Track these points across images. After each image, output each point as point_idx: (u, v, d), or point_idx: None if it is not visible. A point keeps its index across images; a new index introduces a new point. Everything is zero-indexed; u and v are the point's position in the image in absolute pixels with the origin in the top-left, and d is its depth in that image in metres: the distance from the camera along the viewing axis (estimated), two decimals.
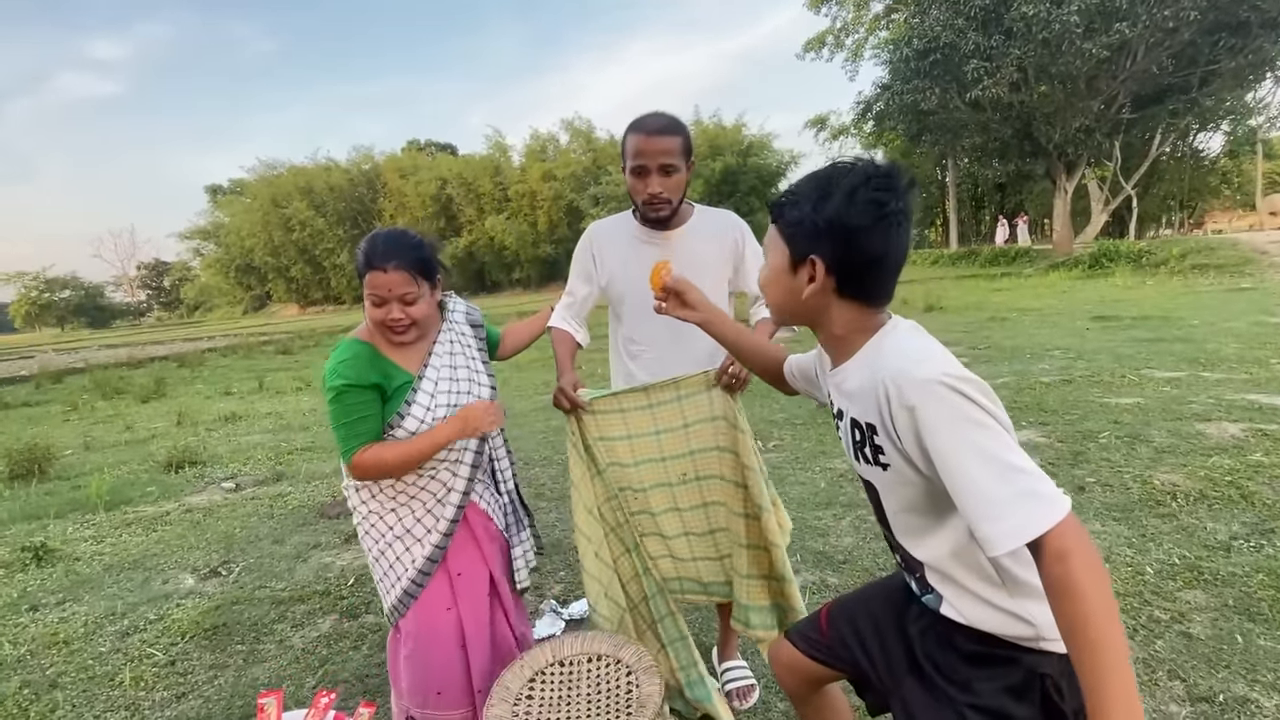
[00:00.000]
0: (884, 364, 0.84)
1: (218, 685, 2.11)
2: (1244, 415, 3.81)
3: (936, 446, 0.76)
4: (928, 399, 0.76)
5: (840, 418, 0.98)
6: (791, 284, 0.94)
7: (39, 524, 3.88)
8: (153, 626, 2.52)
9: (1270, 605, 1.98)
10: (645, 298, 1.61)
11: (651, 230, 1.63)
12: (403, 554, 1.48)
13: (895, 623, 1.03)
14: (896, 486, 0.88)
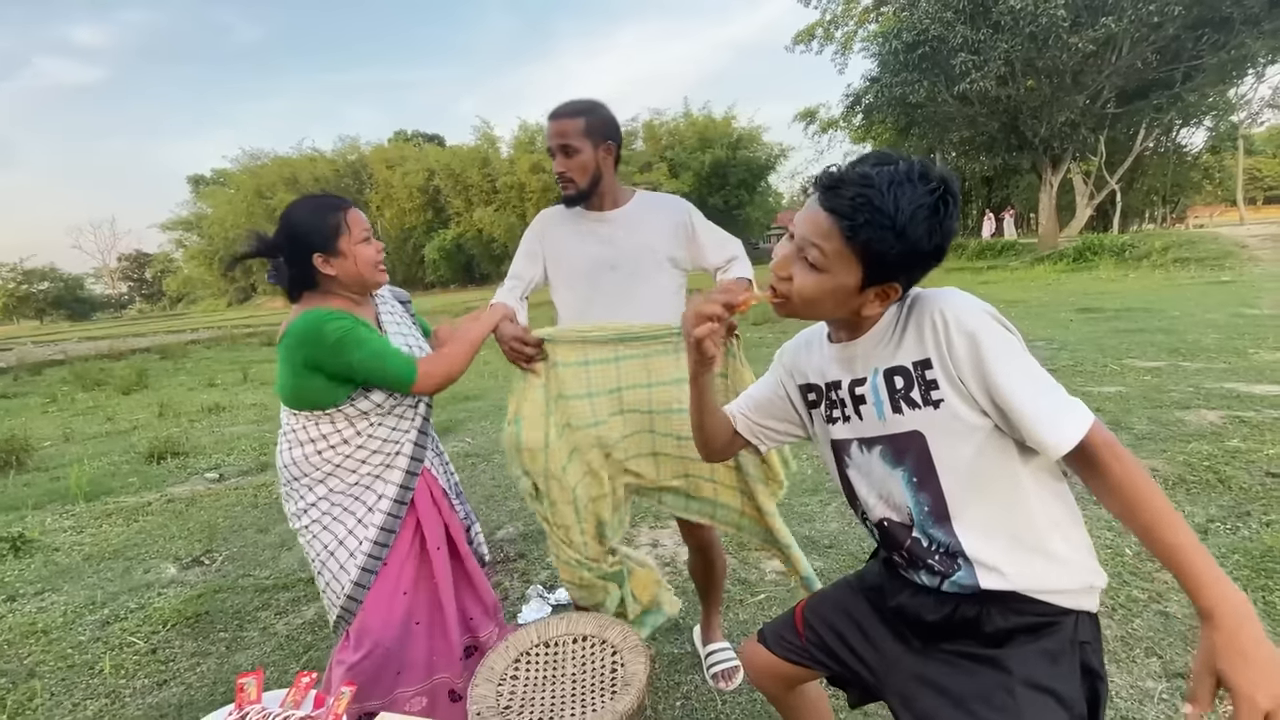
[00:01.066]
0: (930, 305, 0.86)
1: (200, 672, 2.09)
2: (1222, 403, 3.87)
3: (995, 369, 0.81)
4: (983, 326, 0.82)
5: (857, 384, 0.94)
6: (854, 300, 0.88)
7: (16, 515, 3.82)
8: (133, 615, 2.50)
9: (1245, 584, 2.02)
10: (589, 271, 1.63)
11: (587, 211, 1.64)
12: (345, 560, 1.44)
13: (882, 620, 1.02)
14: (949, 424, 0.86)
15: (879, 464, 0.93)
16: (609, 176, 1.60)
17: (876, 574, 1.06)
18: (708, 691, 1.80)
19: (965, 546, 0.87)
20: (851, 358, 0.95)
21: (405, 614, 1.49)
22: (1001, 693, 0.84)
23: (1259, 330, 6.14)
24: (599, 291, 1.62)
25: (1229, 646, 0.71)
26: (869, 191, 0.79)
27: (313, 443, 1.43)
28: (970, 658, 0.89)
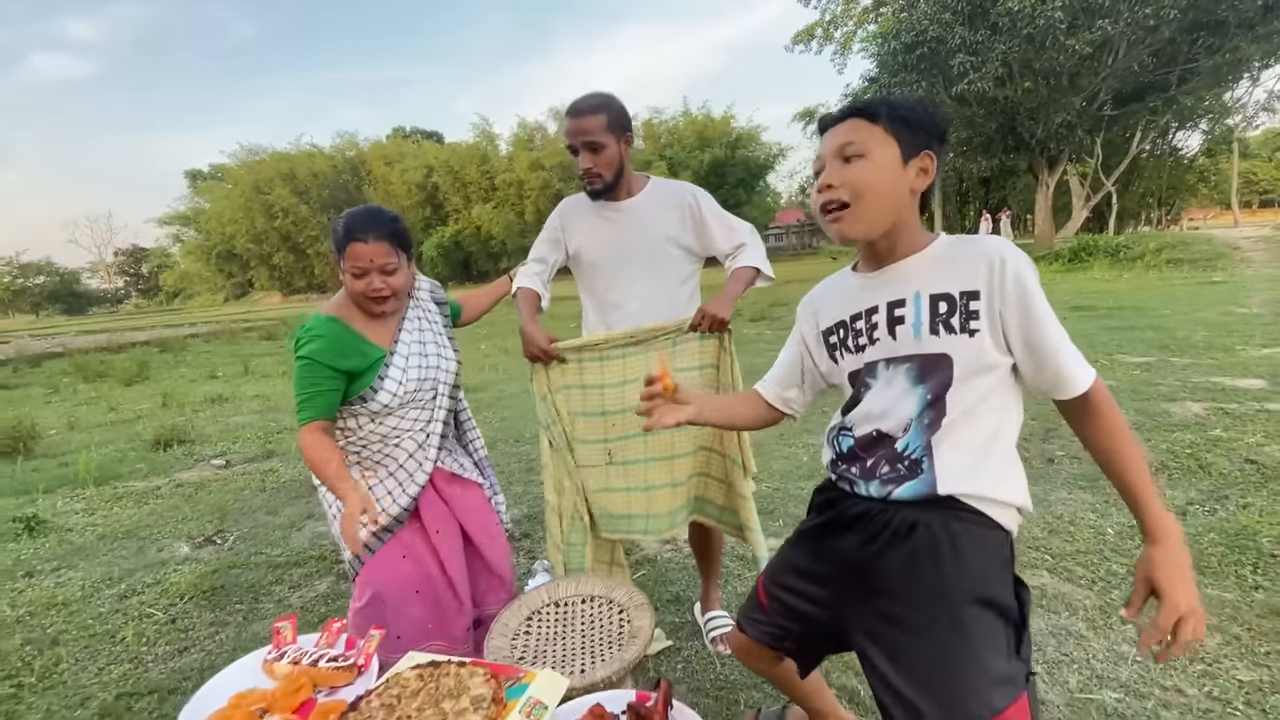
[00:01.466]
0: (991, 247, 0.96)
1: (219, 640, 2.17)
2: (1207, 396, 3.98)
3: (1039, 314, 0.92)
4: (1033, 277, 0.93)
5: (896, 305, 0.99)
6: (903, 176, 0.97)
7: (28, 498, 3.89)
8: (150, 589, 2.58)
9: (1218, 560, 2.12)
10: (610, 262, 1.74)
11: (605, 202, 1.73)
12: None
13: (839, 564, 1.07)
14: (973, 353, 0.94)
15: (902, 381, 0.99)
16: (628, 167, 1.69)
17: (815, 519, 1.15)
18: (707, 655, 1.89)
19: (938, 456, 0.96)
20: (891, 280, 1.01)
21: (404, 578, 1.55)
22: (946, 613, 0.93)
23: (1247, 328, 6.25)
24: (619, 280, 1.73)
25: (1165, 563, 0.87)
26: (875, 98, 1.00)
27: (338, 432, 1.53)
28: (916, 585, 0.96)
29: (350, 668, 1.11)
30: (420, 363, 1.55)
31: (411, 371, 1.52)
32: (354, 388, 1.46)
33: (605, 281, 1.76)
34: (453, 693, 0.99)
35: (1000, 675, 0.89)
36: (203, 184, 52.92)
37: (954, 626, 0.92)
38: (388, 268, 1.43)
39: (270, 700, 1.05)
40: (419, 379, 1.53)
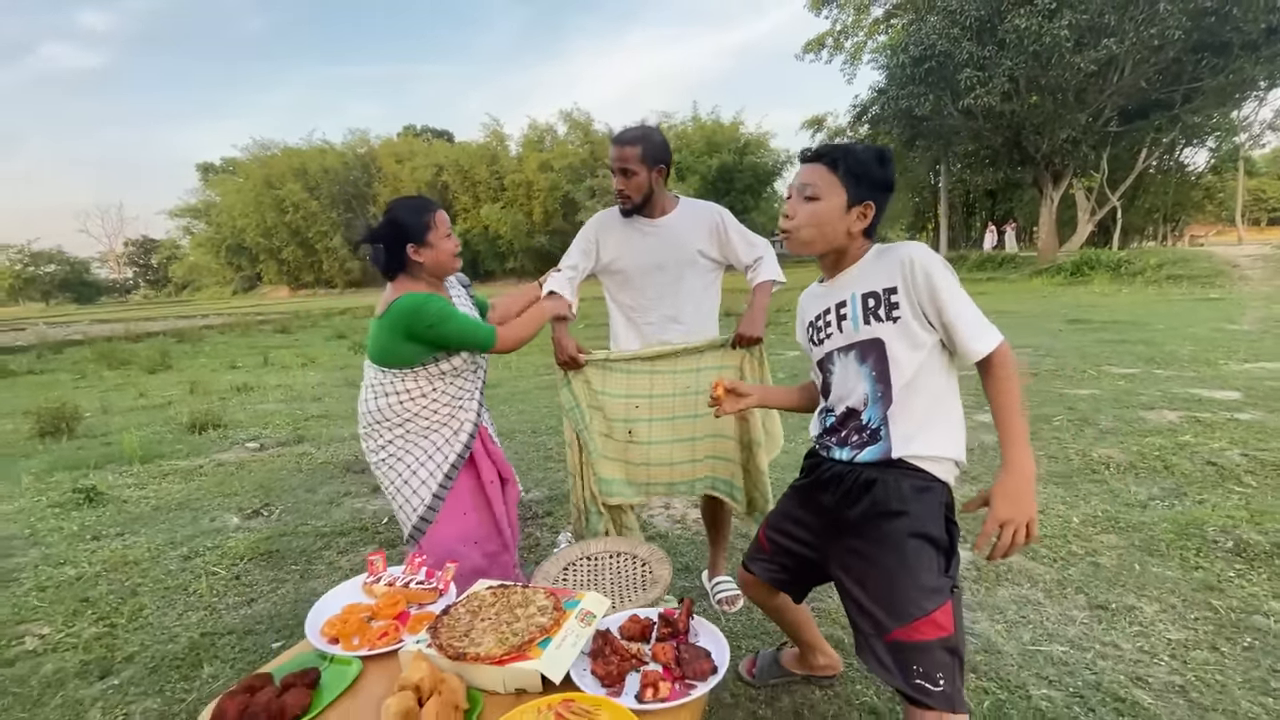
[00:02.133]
0: (900, 251, 1.23)
1: (281, 594, 2.46)
2: (1183, 405, 4.24)
3: (943, 296, 1.18)
4: (935, 267, 1.19)
5: (841, 306, 1.29)
6: (844, 220, 1.26)
7: (80, 473, 4.19)
8: (211, 552, 2.86)
9: (1169, 545, 2.39)
10: (641, 271, 2.02)
11: (639, 217, 2.00)
12: (419, 486, 1.80)
13: (819, 515, 1.37)
14: (899, 333, 1.22)
15: (852, 364, 1.28)
16: (659, 192, 1.96)
17: (804, 479, 1.43)
18: (714, 615, 2.16)
19: (892, 424, 1.23)
20: (839, 287, 1.31)
21: (465, 532, 1.84)
22: (893, 545, 1.21)
23: (1233, 344, 6.51)
24: (649, 287, 2.01)
25: (1003, 485, 1.14)
26: (841, 147, 1.27)
27: (396, 395, 1.79)
28: (873, 527, 1.25)
29: (434, 590, 1.40)
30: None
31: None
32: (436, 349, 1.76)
33: (635, 289, 2.04)
34: (521, 604, 1.27)
35: (931, 588, 1.17)
36: (214, 177, 53.29)
37: (900, 557, 1.20)
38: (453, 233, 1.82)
39: (374, 610, 1.33)
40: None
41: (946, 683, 1.13)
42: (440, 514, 1.81)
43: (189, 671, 1.97)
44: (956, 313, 1.18)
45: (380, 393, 1.79)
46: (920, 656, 1.14)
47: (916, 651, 1.15)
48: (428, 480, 1.81)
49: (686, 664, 1.12)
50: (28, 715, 1.80)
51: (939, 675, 1.13)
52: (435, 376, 1.79)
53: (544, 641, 1.15)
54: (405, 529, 1.83)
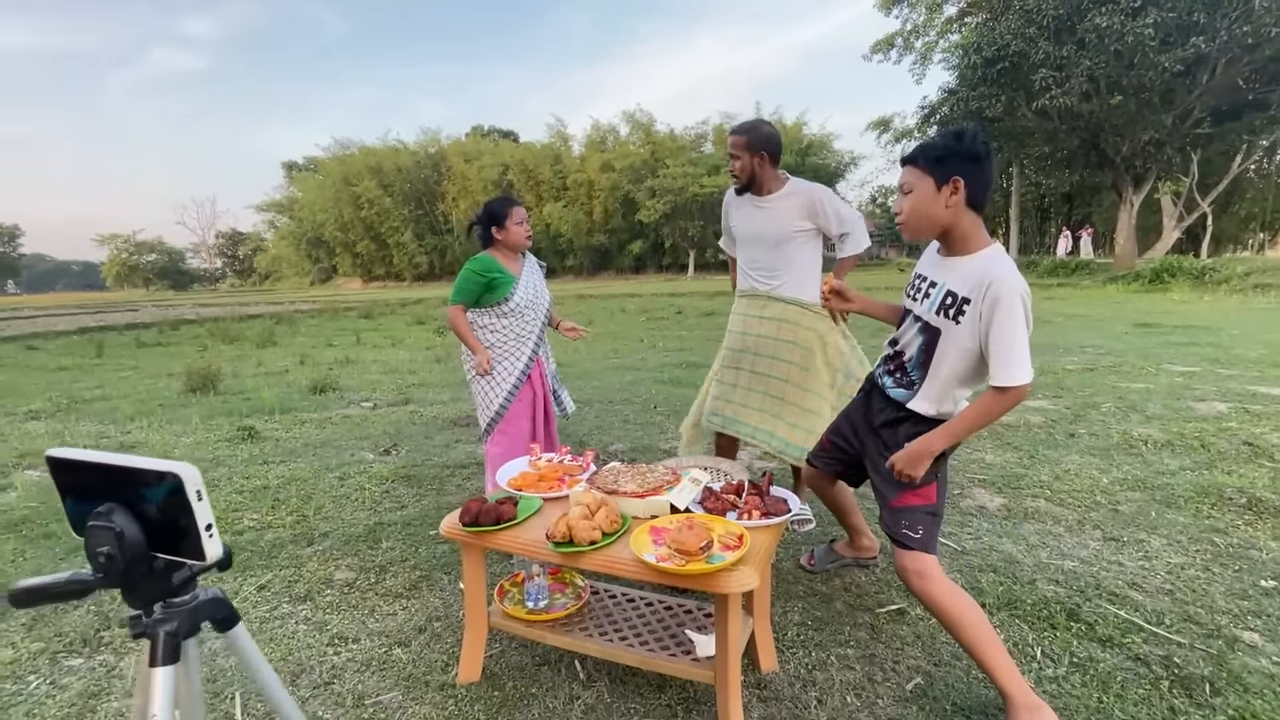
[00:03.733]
0: (995, 269, 1.44)
1: (425, 503, 3.07)
2: (1236, 399, 4.39)
3: (995, 328, 1.43)
4: (1005, 300, 1.42)
5: (932, 286, 1.58)
6: (937, 202, 1.47)
7: (235, 419, 5.00)
8: (359, 475, 3.52)
9: (1186, 500, 2.70)
10: (747, 239, 2.51)
11: (752, 195, 2.48)
12: (493, 398, 2.52)
13: (863, 419, 1.81)
14: (955, 335, 1.52)
15: (917, 330, 1.62)
16: (762, 175, 2.41)
17: (860, 399, 1.88)
18: None
19: (921, 384, 1.64)
20: (943, 269, 1.58)
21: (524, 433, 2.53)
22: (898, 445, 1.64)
23: None
24: (757, 254, 2.50)
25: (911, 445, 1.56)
26: (919, 144, 1.57)
27: (479, 328, 2.55)
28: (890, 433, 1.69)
29: (579, 465, 1.93)
30: (533, 288, 2.56)
31: (529, 289, 2.54)
32: (496, 294, 2.46)
33: (747, 252, 2.55)
34: (648, 471, 1.79)
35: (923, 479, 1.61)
36: (297, 174, 56.62)
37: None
38: (528, 223, 2.49)
39: (541, 475, 1.87)
40: (533, 296, 2.54)
41: (924, 532, 1.58)
42: (505, 418, 2.51)
43: (372, 544, 2.59)
44: (999, 345, 1.42)
45: (476, 328, 2.56)
46: (908, 514, 1.59)
47: (905, 512, 1.60)
48: (499, 391, 2.51)
49: (769, 503, 1.60)
50: (266, 563, 2.45)
51: (919, 527, 1.58)
52: (497, 315, 2.51)
53: (670, 488, 1.66)
54: (482, 426, 2.57)
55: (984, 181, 1.49)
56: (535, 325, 2.57)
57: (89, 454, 0.75)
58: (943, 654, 1.76)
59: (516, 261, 2.57)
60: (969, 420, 1.53)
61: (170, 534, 0.73)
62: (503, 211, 2.48)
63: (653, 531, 1.48)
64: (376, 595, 2.19)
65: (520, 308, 2.51)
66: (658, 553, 1.38)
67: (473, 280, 2.48)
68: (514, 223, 2.48)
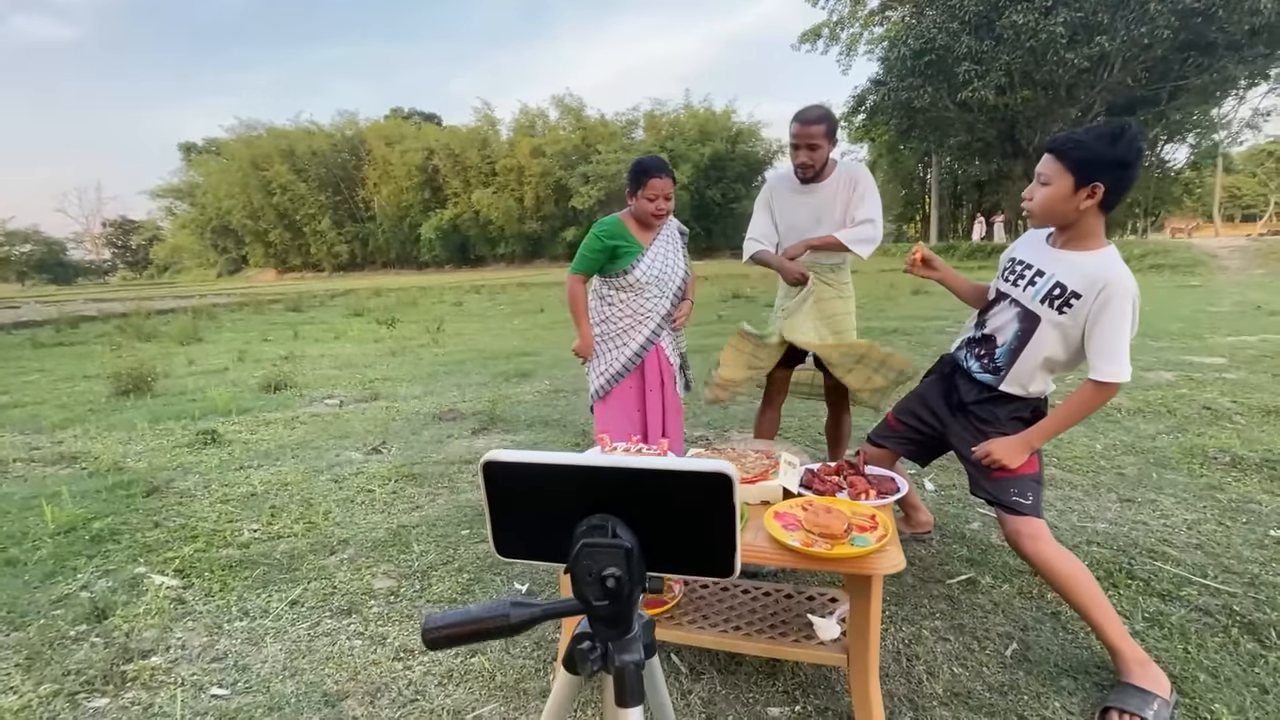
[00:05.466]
0: (1111, 271, 1.47)
1: (441, 502, 2.90)
2: (1177, 368, 4.81)
3: (1100, 326, 1.48)
4: (1116, 304, 1.47)
5: (1039, 274, 1.59)
6: (1072, 201, 1.47)
7: (186, 422, 4.55)
8: (356, 477, 3.28)
9: (1177, 461, 2.93)
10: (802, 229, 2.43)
11: (804, 184, 2.42)
12: (600, 373, 2.39)
13: (942, 400, 1.85)
14: (1057, 326, 1.55)
15: (1014, 317, 1.65)
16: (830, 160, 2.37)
17: (936, 380, 1.90)
18: None
19: (1010, 371, 1.68)
20: (1052, 260, 1.59)
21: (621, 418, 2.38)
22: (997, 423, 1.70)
23: (1216, 322, 7.14)
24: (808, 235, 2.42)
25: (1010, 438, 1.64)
26: (1071, 138, 1.50)
27: (597, 295, 2.40)
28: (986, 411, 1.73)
29: (658, 453, 1.86)
30: (664, 261, 2.36)
31: (658, 262, 2.33)
32: (618, 263, 2.28)
33: (786, 238, 2.49)
34: (742, 456, 1.74)
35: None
36: (197, 157, 52.37)
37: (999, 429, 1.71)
38: (668, 195, 2.27)
39: None
40: (661, 270, 2.33)
41: (1033, 497, 1.63)
42: (608, 399, 2.38)
43: (403, 548, 2.41)
44: (1105, 342, 1.48)
45: (595, 294, 2.42)
46: (1017, 483, 1.63)
47: (1013, 481, 1.63)
48: (605, 370, 2.37)
49: (878, 484, 1.60)
50: (289, 576, 2.23)
51: (1028, 493, 1.62)
52: (617, 288, 2.35)
53: (774, 472, 1.62)
54: (591, 388, 2.44)
55: (1124, 187, 1.48)
56: (659, 304, 2.34)
57: (552, 455, 0.62)
58: (1025, 619, 1.82)
59: (650, 230, 2.35)
60: (1066, 415, 1.59)
61: (687, 545, 0.61)
62: (640, 178, 2.22)
63: (779, 517, 1.44)
64: (428, 603, 2.04)
65: (643, 282, 2.29)
66: (799, 537, 1.34)
67: (594, 246, 2.26)
68: (647, 196, 2.22)
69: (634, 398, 2.39)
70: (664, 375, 2.42)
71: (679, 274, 2.40)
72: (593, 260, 2.31)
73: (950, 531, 2.36)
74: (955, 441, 1.81)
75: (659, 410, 2.40)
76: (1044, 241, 1.65)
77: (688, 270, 2.45)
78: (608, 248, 2.28)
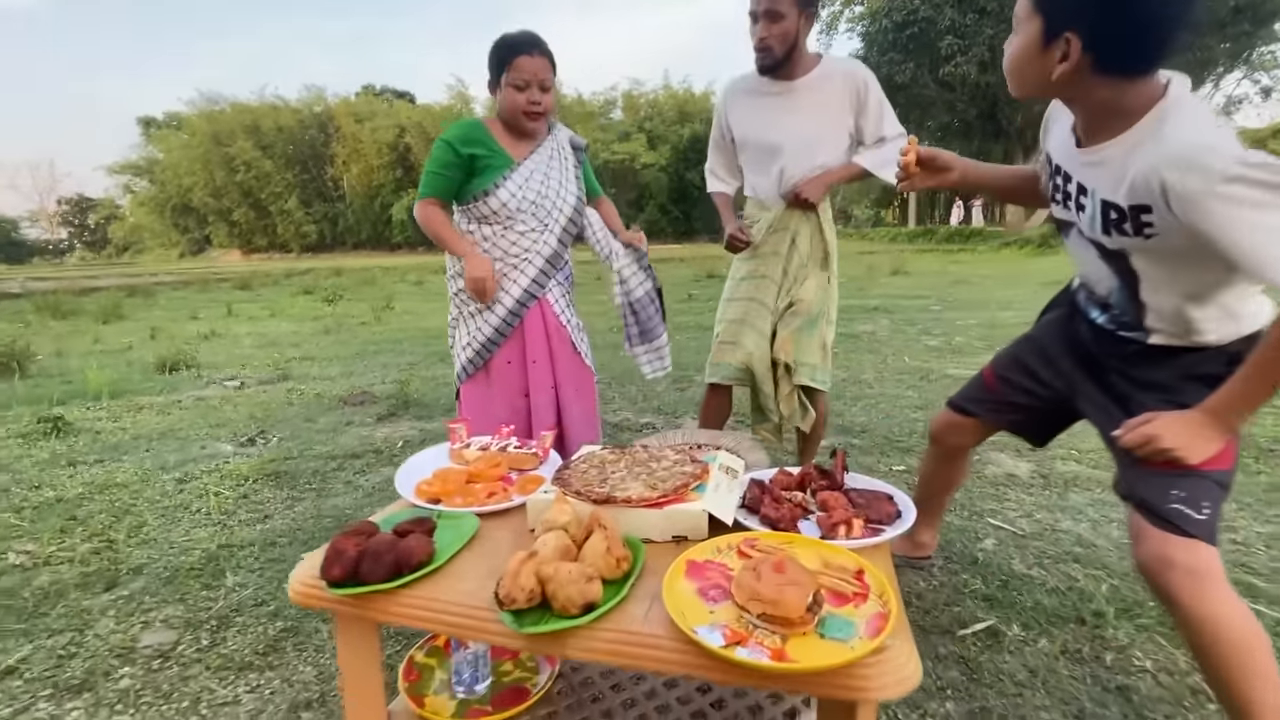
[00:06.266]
0: (1165, 151, 0.86)
1: (297, 511, 2.23)
2: None
3: (1229, 240, 0.84)
4: (1214, 201, 0.82)
5: (1081, 193, 1.02)
6: (1041, 64, 0.95)
7: (41, 407, 3.81)
8: (209, 475, 2.60)
9: None
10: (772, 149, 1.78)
11: (773, 80, 1.75)
12: (463, 348, 1.72)
13: (1068, 347, 1.23)
14: (1163, 251, 0.95)
15: (1090, 251, 1.07)
16: (803, 45, 1.70)
17: (1059, 321, 1.28)
18: None
19: (1146, 320, 1.05)
20: (1080, 166, 1.02)
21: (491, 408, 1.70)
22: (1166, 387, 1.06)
23: None
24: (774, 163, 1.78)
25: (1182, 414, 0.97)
26: None
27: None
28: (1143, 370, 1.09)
29: (534, 454, 1.22)
30: (543, 183, 1.66)
31: (533, 184, 1.64)
32: (477, 182, 1.61)
33: (760, 166, 1.82)
34: (652, 459, 1.11)
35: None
36: (156, 132, 50.12)
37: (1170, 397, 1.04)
38: (545, 84, 1.58)
39: (472, 474, 1.15)
40: (538, 195, 1.65)
41: (1210, 512, 0.99)
42: (480, 378, 1.71)
43: (211, 580, 1.75)
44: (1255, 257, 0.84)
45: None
46: (1188, 483, 0.99)
47: (1185, 480, 0.99)
48: (471, 339, 1.70)
49: (865, 507, 0.98)
50: (26, 625, 1.56)
51: (1204, 504, 0.98)
52: (477, 218, 1.66)
53: (698, 487, 0.99)
54: (457, 366, 1.75)
55: (1124, 29, 0.88)
56: (540, 242, 1.66)
57: None
58: (1080, 697, 1.23)
59: (524, 140, 1.65)
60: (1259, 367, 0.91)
61: None
62: (503, 59, 1.56)
63: (695, 573, 0.81)
64: (207, 670, 1.39)
65: (511, 209, 1.61)
66: (725, 620, 0.72)
67: (444, 157, 1.58)
68: (514, 82, 1.54)
69: (516, 375, 1.72)
70: (552, 341, 1.74)
71: (568, 201, 1.69)
72: (445, 179, 1.60)
73: (955, 553, 1.77)
74: (1090, 412, 1.20)
75: (547, 389, 1.73)
76: (1069, 133, 1.06)
77: (581, 197, 1.75)
78: (463, 158, 1.59)
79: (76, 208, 72.52)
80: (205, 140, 43.20)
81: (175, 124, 48.93)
